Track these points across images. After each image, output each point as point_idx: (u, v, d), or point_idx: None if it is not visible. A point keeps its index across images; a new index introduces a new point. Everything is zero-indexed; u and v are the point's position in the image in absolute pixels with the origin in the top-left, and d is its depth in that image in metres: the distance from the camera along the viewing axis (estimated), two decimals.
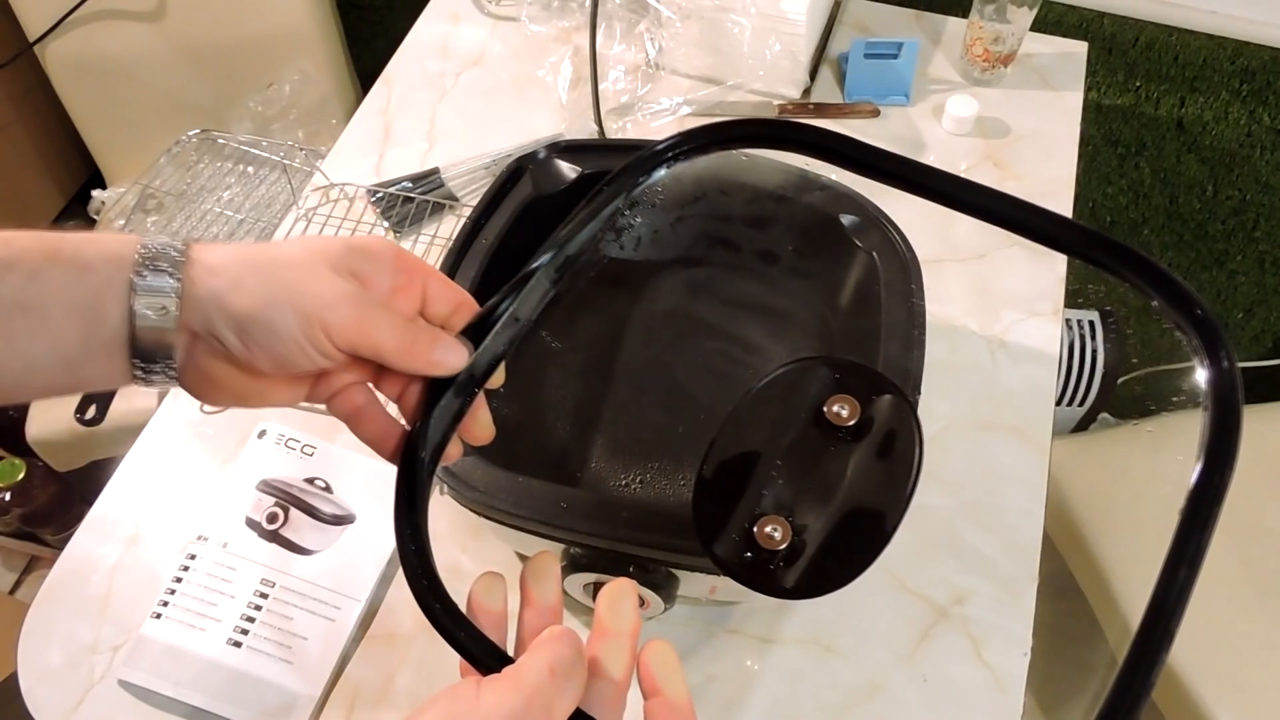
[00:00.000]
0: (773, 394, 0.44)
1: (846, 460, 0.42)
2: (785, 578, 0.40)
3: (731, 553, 0.40)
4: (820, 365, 0.44)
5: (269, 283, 0.33)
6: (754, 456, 0.43)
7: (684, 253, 0.69)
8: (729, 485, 0.42)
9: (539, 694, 0.29)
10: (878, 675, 0.61)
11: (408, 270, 0.37)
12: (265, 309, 0.32)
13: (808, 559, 0.40)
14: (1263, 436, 1.03)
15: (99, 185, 1.36)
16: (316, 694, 0.60)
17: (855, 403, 0.42)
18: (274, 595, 0.64)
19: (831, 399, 0.42)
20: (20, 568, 1.48)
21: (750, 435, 0.43)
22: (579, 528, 0.50)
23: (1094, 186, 1.19)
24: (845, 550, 0.40)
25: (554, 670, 0.30)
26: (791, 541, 0.40)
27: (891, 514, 0.40)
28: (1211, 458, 0.30)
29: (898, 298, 0.58)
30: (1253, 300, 1.26)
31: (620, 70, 0.93)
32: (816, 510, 0.41)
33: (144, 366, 0.32)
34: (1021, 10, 0.86)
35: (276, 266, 0.33)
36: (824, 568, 0.40)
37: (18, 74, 1.26)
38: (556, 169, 0.65)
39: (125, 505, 0.69)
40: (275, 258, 0.34)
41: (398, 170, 0.88)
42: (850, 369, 0.44)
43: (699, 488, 0.42)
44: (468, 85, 0.96)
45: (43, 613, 0.65)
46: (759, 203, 0.65)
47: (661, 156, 0.40)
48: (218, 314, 0.32)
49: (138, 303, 0.31)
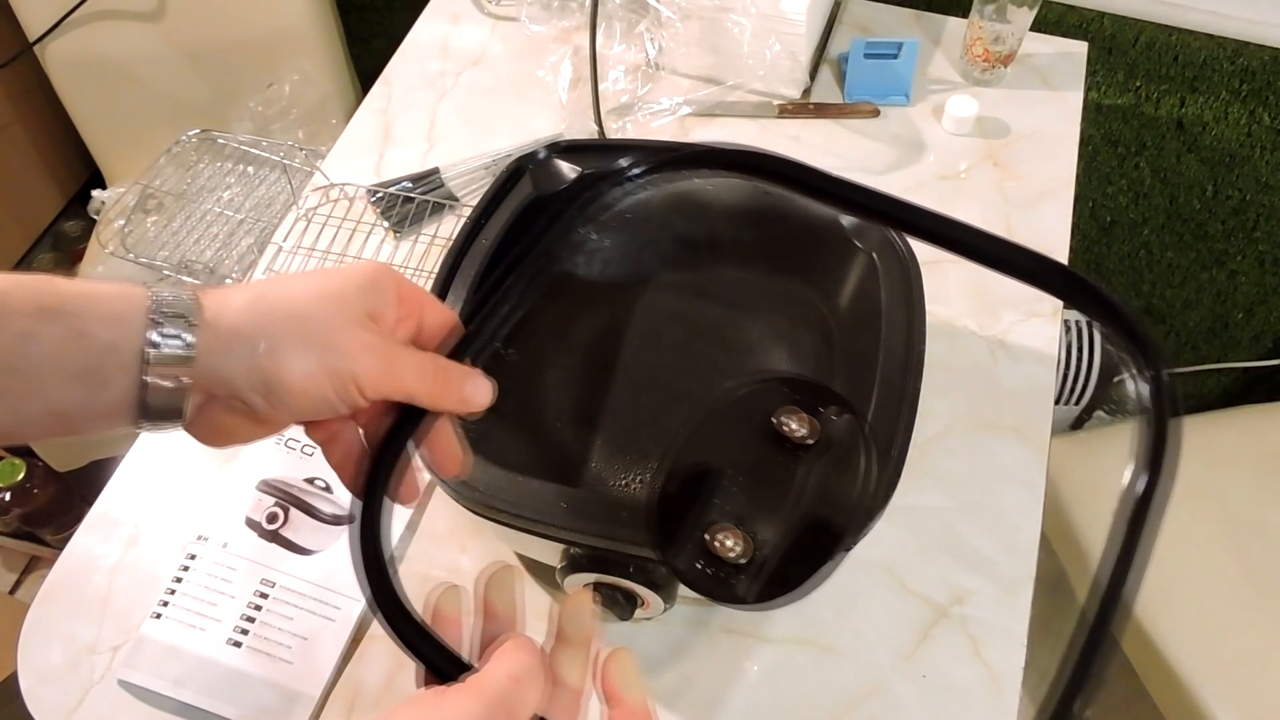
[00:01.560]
0: (730, 409, 0.45)
1: (802, 474, 0.43)
2: (741, 587, 0.40)
3: (688, 563, 0.41)
4: (777, 382, 0.45)
5: (294, 341, 0.32)
6: (711, 470, 0.43)
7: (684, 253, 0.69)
8: (686, 497, 0.43)
9: (502, 702, 0.29)
10: (877, 675, 0.61)
11: (407, 299, 0.37)
12: (293, 373, 0.32)
13: (763, 569, 0.41)
14: (1263, 436, 1.03)
15: (99, 185, 1.36)
16: (316, 694, 0.60)
17: (810, 419, 0.43)
18: (274, 595, 0.64)
19: (785, 416, 0.44)
20: (20, 568, 1.48)
21: (708, 449, 0.44)
22: (579, 528, 0.50)
23: (1094, 186, 1.19)
24: (800, 561, 0.41)
25: (516, 678, 0.30)
26: (748, 552, 0.41)
27: (846, 526, 0.41)
28: (1155, 469, 0.31)
29: (898, 298, 0.58)
30: (1253, 300, 1.26)
31: (620, 70, 0.93)
32: (772, 522, 0.42)
33: (151, 425, 0.32)
34: (1021, 10, 0.86)
35: (298, 321, 0.32)
36: (779, 577, 0.40)
37: (18, 74, 1.26)
38: (556, 169, 0.65)
39: (125, 505, 0.69)
40: (294, 311, 0.33)
41: (398, 170, 0.88)
42: (808, 386, 0.45)
43: (659, 500, 0.43)
44: (468, 85, 0.96)
45: (43, 613, 0.65)
46: (759, 203, 0.65)
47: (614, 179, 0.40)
48: (242, 379, 0.31)
49: (150, 374, 0.30)
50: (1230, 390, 1.43)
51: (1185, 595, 0.95)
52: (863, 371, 0.56)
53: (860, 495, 0.41)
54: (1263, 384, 1.37)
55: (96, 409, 0.31)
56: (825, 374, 0.62)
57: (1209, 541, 0.97)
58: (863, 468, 0.42)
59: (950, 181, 0.86)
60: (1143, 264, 1.28)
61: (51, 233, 1.47)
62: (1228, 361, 1.37)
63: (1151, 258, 1.26)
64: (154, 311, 0.31)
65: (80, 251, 1.38)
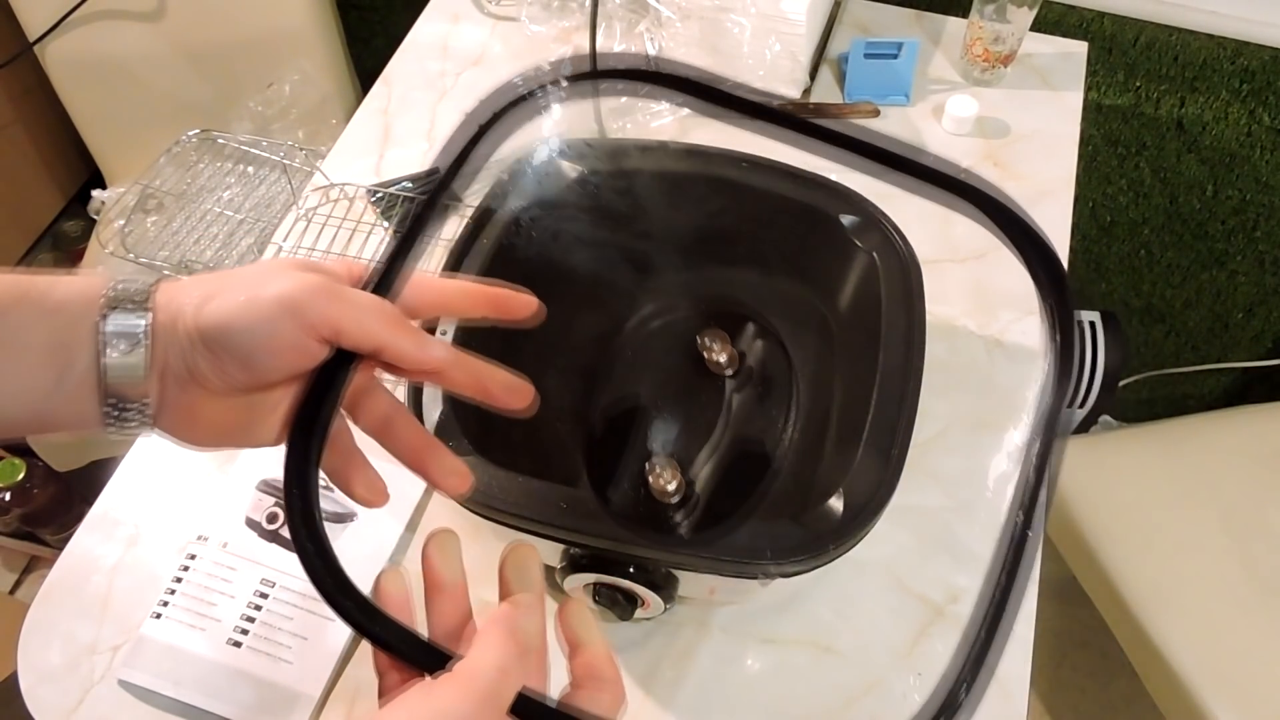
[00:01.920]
0: (655, 344, 0.44)
1: (730, 402, 0.42)
2: (679, 521, 0.40)
3: (627, 503, 0.41)
4: (695, 312, 0.45)
5: (228, 288, 0.32)
6: (641, 406, 0.43)
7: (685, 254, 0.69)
8: (619, 436, 0.42)
9: (492, 696, 0.29)
10: (876, 674, 0.61)
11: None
12: (224, 310, 0.32)
13: (698, 501, 0.40)
14: (1263, 436, 1.03)
15: (99, 185, 1.36)
16: (316, 694, 0.60)
17: (731, 347, 0.43)
18: (274, 595, 0.64)
19: (709, 338, 0.43)
20: (20, 568, 1.48)
21: (638, 385, 0.44)
22: (579, 528, 0.50)
23: (1094, 186, 1.19)
24: (735, 490, 0.40)
25: (504, 669, 0.29)
26: (681, 487, 0.40)
27: (774, 453, 0.40)
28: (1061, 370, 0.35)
29: (897, 298, 0.58)
30: (1253, 300, 1.26)
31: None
32: (704, 453, 0.41)
33: (117, 408, 0.32)
34: (1021, 10, 0.86)
35: (238, 276, 0.33)
36: (715, 509, 0.40)
37: (18, 74, 1.26)
38: (557, 169, 0.65)
39: (125, 505, 0.69)
40: (235, 272, 0.33)
41: (398, 170, 0.88)
42: (726, 314, 0.44)
43: (592, 442, 0.42)
44: (468, 85, 0.96)
45: (43, 613, 0.65)
46: (759, 203, 0.65)
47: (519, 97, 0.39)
48: (185, 335, 0.32)
49: (106, 342, 0.31)
50: (1230, 390, 1.43)
51: (1185, 595, 0.95)
52: (863, 372, 0.56)
53: (784, 419, 0.41)
54: (1263, 384, 1.37)
55: (69, 389, 0.31)
56: (825, 374, 0.62)
57: (1209, 541, 0.97)
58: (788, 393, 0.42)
59: None
60: (1143, 264, 1.28)
61: (51, 233, 1.47)
62: (1228, 361, 1.37)
63: (1151, 258, 1.26)
64: (112, 289, 0.32)
65: (80, 251, 1.38)
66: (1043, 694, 1.27)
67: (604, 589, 0.55)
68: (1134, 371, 1.42)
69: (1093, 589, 1.01)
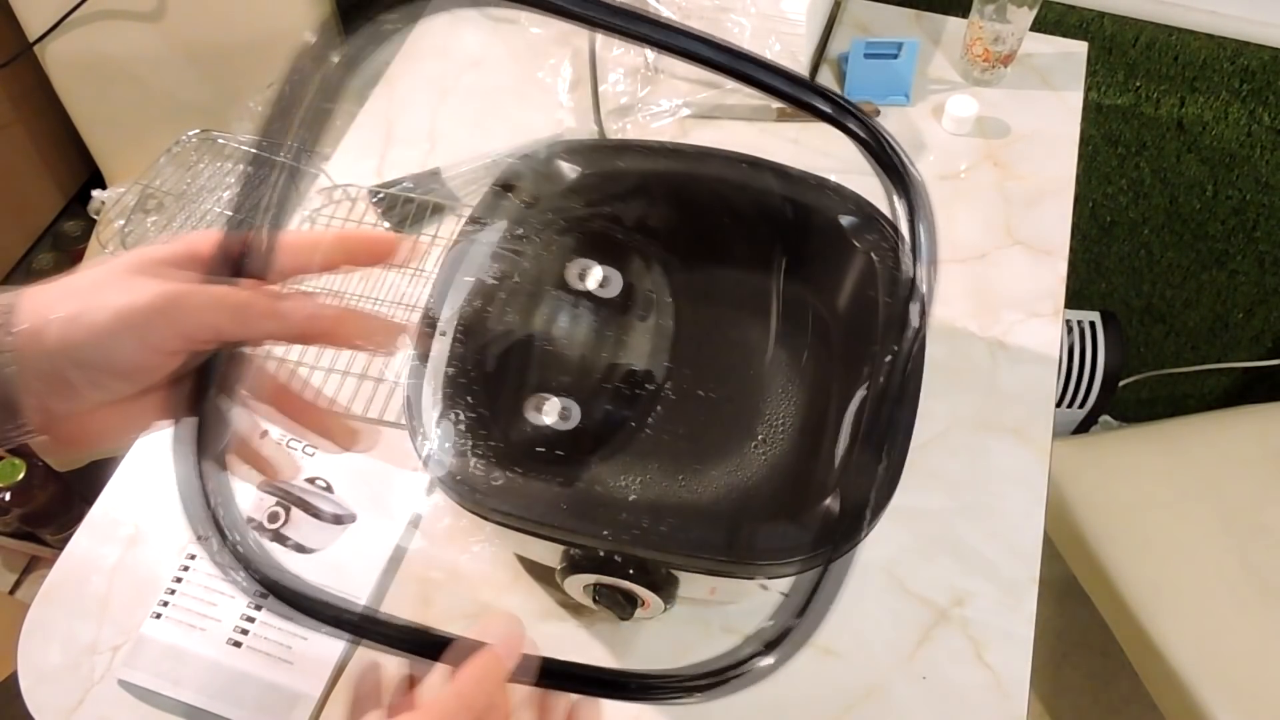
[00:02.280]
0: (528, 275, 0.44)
1: (611, 327, 0.42)
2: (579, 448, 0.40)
3: (526, 439, 0.41)
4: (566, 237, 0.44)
5: (85, 307, 0.32)
6: (521, 340, 0.43)
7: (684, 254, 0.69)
8: (506, 372, 0.42)
9: None
10: (877, 676, 0.61)
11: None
12: (86, 334, 0.32)
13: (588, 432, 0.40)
14: (1263, 436, 1.03)
15: (99, 185, 1.36)
16: (316, 694, 0.60)
17: (604, 270, 0.42)
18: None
19: (581, 272, 0.42)
20: (20, 568, 1.48)
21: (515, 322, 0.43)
22: (579, 528, 0.50)
23: (1094, 186, 1.19)
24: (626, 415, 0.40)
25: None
26: (571, 416, 0.40)
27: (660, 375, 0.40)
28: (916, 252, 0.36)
29: (897, 299, 0.58)
30: (1253, 300, 1.26)
31: (620, 72, 0.93)
32: (593, 381, 0.41)
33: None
34: (1021, 10, 0.86)
35: (85, 291, 0.33)
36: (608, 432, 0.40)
37: (18, 74, 1.26)
38: (557, 169, 0.65)
39: (125, 505, 0.69)
40: (83, 285, 0.33)
41: (399, 171, 0.88)
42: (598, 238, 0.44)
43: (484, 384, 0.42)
44: (469, 87, 0.96)
45: (43, 613, 0.65)
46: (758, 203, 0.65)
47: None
48: (49, 359, 0.32)
49: None
50: (1230, 390, 1.43)
51: (1185, 595, 0.95)
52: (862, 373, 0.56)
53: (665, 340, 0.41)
54: (1263, 384, 1.37)
55: None
56: (823, 375, 0.62)
57: (1209, 541, 0.97)
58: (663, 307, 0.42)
59: (950, 181, 0.86)
60: (1143, 264, 1.28)
61: (51, 233, 1.47)
62: (1228, 361, 1.37)
63: (1151, 258, 1.26)
64: None
65: (80, 251, 1.38)
66: (1043, 694, 1.27)
67: (604, 589, 0.55)
68: (1134, 371, 1.42)
69: (1093, 589, 1.01)
